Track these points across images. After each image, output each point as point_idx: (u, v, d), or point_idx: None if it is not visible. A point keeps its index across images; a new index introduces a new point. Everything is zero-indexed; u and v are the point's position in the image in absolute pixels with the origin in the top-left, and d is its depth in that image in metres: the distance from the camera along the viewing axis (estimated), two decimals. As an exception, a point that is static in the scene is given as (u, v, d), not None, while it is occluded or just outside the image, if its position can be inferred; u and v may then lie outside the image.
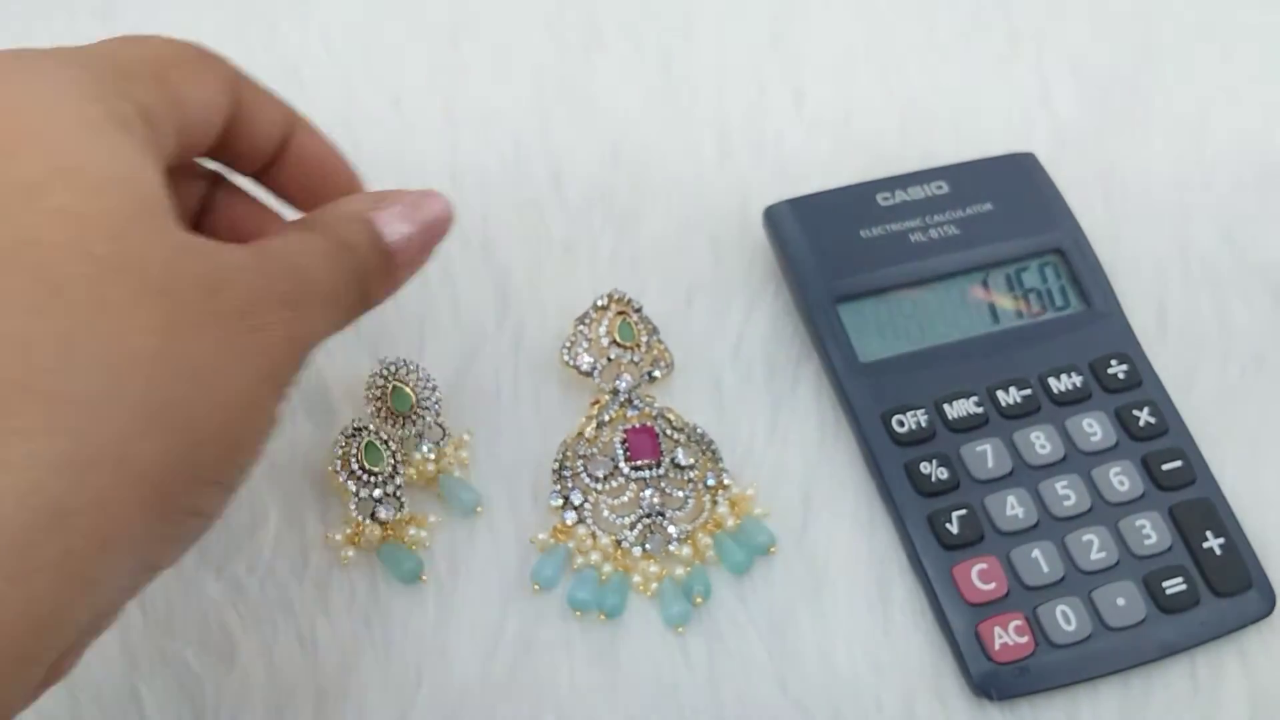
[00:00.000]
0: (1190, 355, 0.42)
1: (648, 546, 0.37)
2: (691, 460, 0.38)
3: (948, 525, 0.37)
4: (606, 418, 0.39)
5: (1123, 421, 0.39)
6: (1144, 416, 0.39)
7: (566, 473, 0.38)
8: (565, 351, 0.39)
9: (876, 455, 0.38)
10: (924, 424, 0.39)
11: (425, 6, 0.51)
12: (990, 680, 0.35)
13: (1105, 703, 0.35)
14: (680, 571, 0.37)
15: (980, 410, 0.39)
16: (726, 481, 0.38)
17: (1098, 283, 0.42)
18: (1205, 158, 0.47)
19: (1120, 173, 0.46)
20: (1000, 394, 0.39)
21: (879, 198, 0.43)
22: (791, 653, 0.36)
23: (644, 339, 0.40)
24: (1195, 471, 0.38)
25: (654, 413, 0.39)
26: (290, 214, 0.34)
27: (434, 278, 0.42)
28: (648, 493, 0.38)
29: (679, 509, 0.38)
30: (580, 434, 0.39)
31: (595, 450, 0.38)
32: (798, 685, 0.35)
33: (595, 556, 0.37)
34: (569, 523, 0.37)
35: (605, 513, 0.38)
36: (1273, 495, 0.39)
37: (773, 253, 0.43)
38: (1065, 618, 0.35)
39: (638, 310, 0.40)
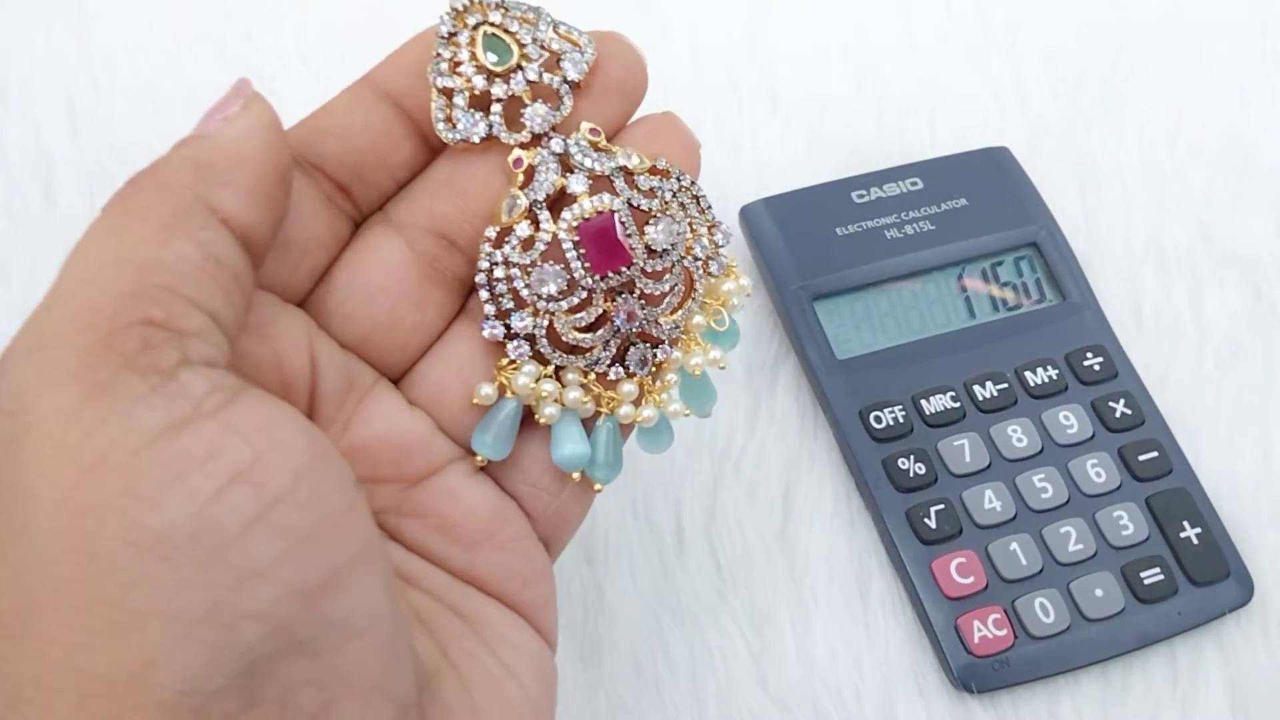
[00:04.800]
0: (1166, 346, 0.42)
1: (630, 367, 0.27)
2: (674, 238, 0.26)
3: (926, 520, 0.37)
4: (540, 195, 0.26)
5: (1099, 413, 0.39)
6: (1120, 408, 0.39)
7: (500, 287, 0.26)
8: (438, 124, 0.26)
9: (855, 451, 0.38)
10: (901, 420, 0.39)
11: (401, 13, 0.50)
12: (970, 673, 0.35)
13: (1085, 694, 0.36)
14: (672, 378, 0.28)
15: (957, 405, 0.39)
16: (721, 241, 0.28)
17: (1073, 276, 0.42)
18: (1178, 149, 0.47)
19: (1094, 165, 0.47)
20: (977, 388, 0.39)
21: (854, 195, 0.43)
22: (771, 649, 0.36)
23: (530, 36, 0.27)
24: (1172, 462, 0.38)
25: (607, 170, 0.26)
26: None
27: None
28: (623, 302, 0.26)
29: (661, 305, 0.27)
30: (507, 230, 0.26)
31: (535, 254, 0.26)
32: (778, 682, 0.35)
33: (573, 394, 0.27)
34: (518, 358, 0.26)
35: (569, 338, 0.26)
36: (1249, 484, 0.39)
37: (749, 251, 0.43)
38: (1044, 610, 0.36)
39: (500, 6, 0.27)
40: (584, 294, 0.26)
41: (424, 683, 0.23)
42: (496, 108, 0.26)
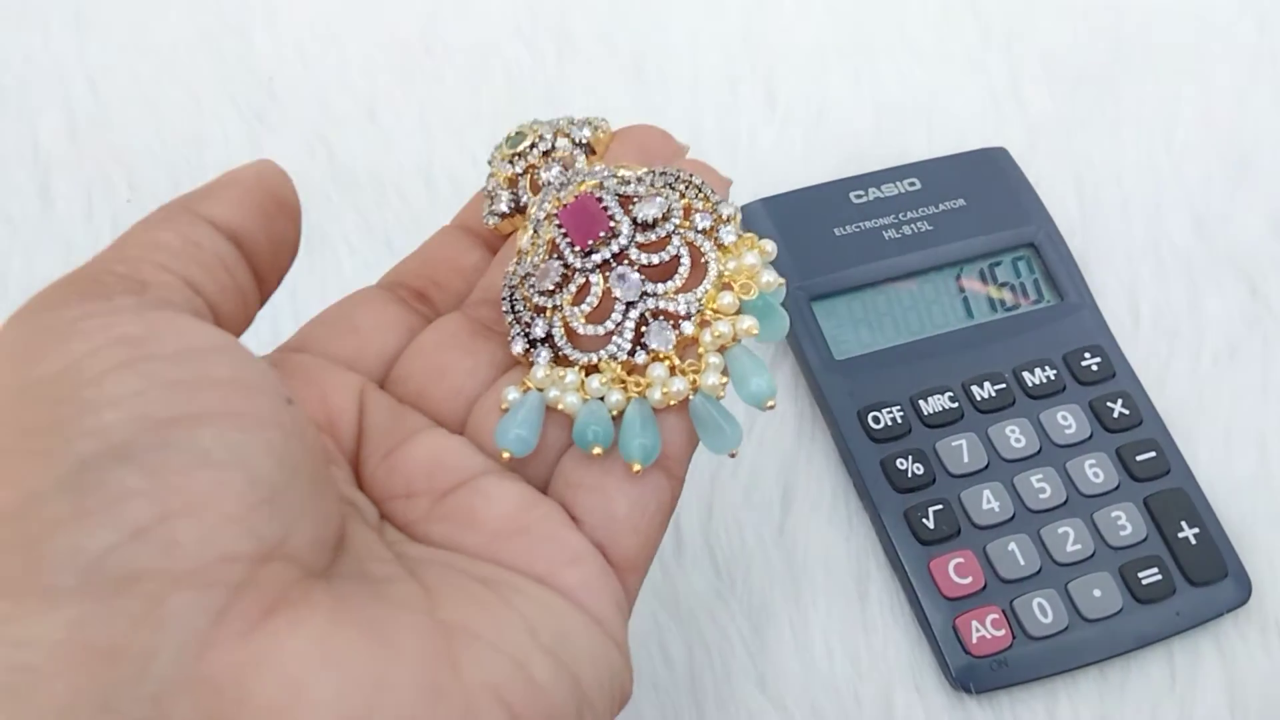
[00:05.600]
0: (1163, 346, 0.42)
1: (651, 345, 0.26)
2: (663, 210, 0.26)
3: (924, 520, 0.37)
4: (541, 214, 0.27)
5: (1097, 414, 0.39)
6: (1118, 408, 0.39)
7: (519, 305, 0.27)
8: (485, 218, 0.30)
9: (853, 452, 0.38)
10: (900, 420, 0.39)
11: (398, 15, 0.51)
12: (968, 674, 0.35)
13: (1083, 694, 0.36)
14: (713, 360, 0.26)
15: (955, 405, 0.39)
16: (726, 213, 0.27)
17: (1070, 276, 0.42)
18: (1177, 148, 0.47)
19: (1092, 166, 0.47)
20: (975, 389, 0.39)
21: (852, 195, 0.43)
22: (770, 649, 0.36)
23: (549, 128, 0.30)
24: (1169, 462, 0.38)
25: (597, 179, 0.27)
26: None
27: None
28: (617, 274, 0.26)
29: (668, 280, 0.27)
30: (519, 254, 0.28)
31: (537, 256, 0.27)
32: (776, 682, 0.36)
33: (595, 383, 0.26)
34: (543, 361, 0.27)
35: (582, 329, 0.26)
36: (1246, 484, 0.39)
37: (747, 252, 0.43)
38: (1042, 610, 0.36)
39: (536, 144, 0.30)
40: (581, 279, 0.26)
41: (363, 577, 0.22)
42: (522, 181, 0.29)
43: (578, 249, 0.26)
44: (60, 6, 0.50)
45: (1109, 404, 0.39)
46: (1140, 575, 0.36)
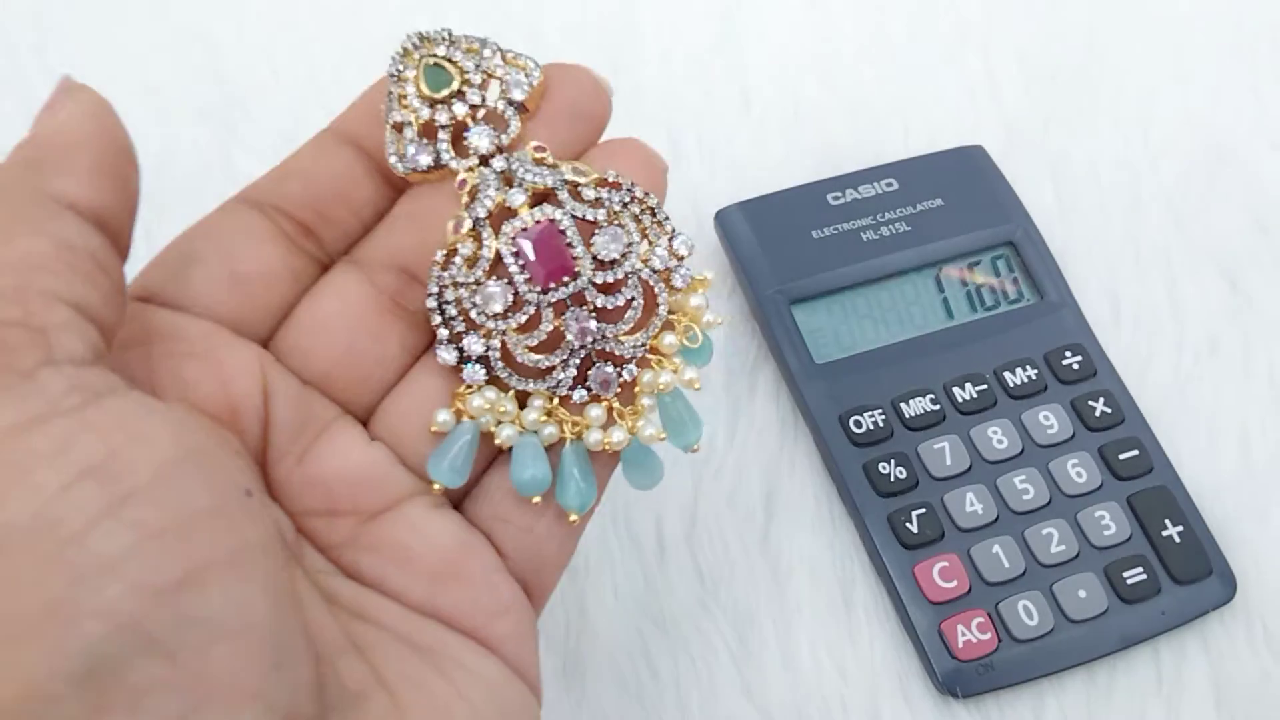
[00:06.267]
0: (1144, 343, 0.42)
1: (592, 388, 0.26)
2: (624, 247, 0.26)
3: (908, 524, 0.37)
4: (481, 212, 0.25)
5: (1079, 413, 0.39)
6: (1100, 407, 0.39)
7: (450, 309, 0.26)
8: (390, 158, 0.26)
9: (835, 456, 0.38)
10: (881, 424, 0.38)
11: (368, 25, 0.50)
12: (955, 678, 0.35)
13: (1070, 695, 0.35)
14: (647, 402, 0.27)
15: (937, 408, 0.39)
16: (681, 250, 0.26)
17: (1050, 274, 0.42)
18: (1152, 143, 0.47)
19: (1069, 162, 0.46)
20: (956, 390, 0.39)
21: (829, 197, 0.43)
22: (755, 657, 0.36)
23: (473, 63, 0.26)
24: (1152, 460, 0.38)
25: (550, 183, 0.26)
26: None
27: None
28: (574, 318, 0.26)
29: (619, 321, 0.26)
30: (452, 250, 0.26)
31: (479, 272, 0.25)
32: (762, 690, 0.35)
33: (532, 415, 0.26)
34: (475, 382, 0.26)
35: (524, 359, 0.26)
36: (1230, 481, 0.39)
37: (725, 256, 0.43)
38: (1027, 612, 0.35)
39: (446, 39, 0.27)
40: (531, 310, 0.25)
41: (344, 703, 0.22)
42: (442, 135, 0.26)
43: (532, 282, 0.25)
44: (23, 19, 0.49)
45: (1090, 403, 0.39)
46: (1125, 575, 0.36)
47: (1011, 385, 0.39)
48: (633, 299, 0.26)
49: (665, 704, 0.35)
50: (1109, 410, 0.39)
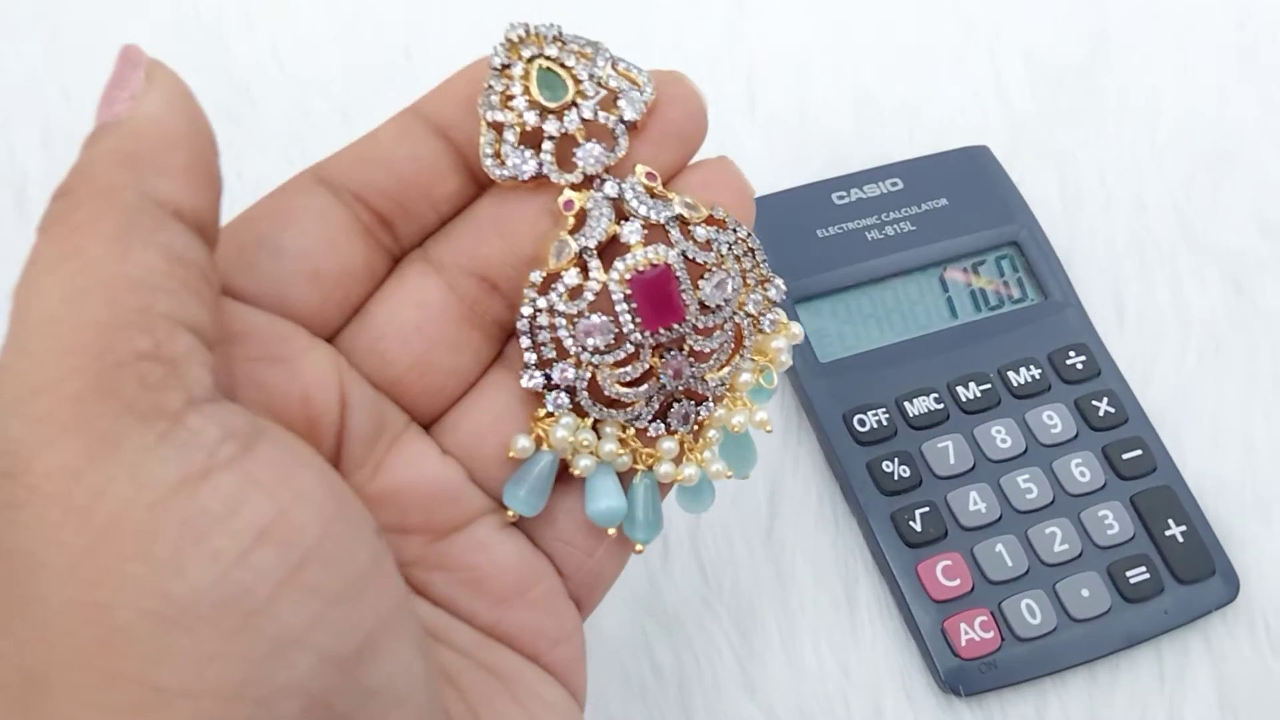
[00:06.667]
0: (1148, 344, 0.42)
1: (671, 424, 0.26)
2: (728, 294, 0.25)
3: (911, 523, 0.37)
4: (591, 243, 0.24)
5: (1082, 412, 0.39)
6: (1103, 407, 0.39)
7: (543, 336, 0.25)
8: (486, 159, 0.24)
9: (839, 455, 0.38)
10: (885, 423, 0.39)
11: (377, 20, 0.50)
12: (958, 676, 0.35)
13: (1073, 694, 0.35)
14: (713, 434, 0.27)
15: (941, 407, 0.39)
16: (775, 297, 0.26)
17: (1054, 274, 0.42)
18: (1159, 144, 0.47)
19: (1074, 163, 0.46)
20: (960, 389, 0.39)
21: (834, 197, 0.43)
22: (758, 655, 0.36)
23: (587, 72, 0.25)
24: (1155, 460, 0.38)
25: (662, 218, 0.24)
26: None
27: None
28: (673, 363, 0.25)
29: (709, 361, 0.26)
30: (554, 277, 0.24)
31: (583, 304, 0.24)
32: (765, 688, 0.35)
33: (609, 446, 0.25)
34: (557, 410, 0.25)
35: (612, 393, 0.25)
36: (1233, 481, 0.39)
37: (730, 255, 0.43)
38: (1030, 611, 0.35)
39: (558, 39, 0.25)
40: (631, 349, 0.24)
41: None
42: (548, 145, 0.24)
43: (643, 327, 0.24)
44: (34, 16, 0.49)
45: (1094, 402, 0.39)
46: (1128, 574, 0.36)
47: (1015, 385, 0.39)
48: (725, 342, 0.26)
49: (668, 701, 0.35)
50: (1112, 410, 0.39)
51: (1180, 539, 0.37)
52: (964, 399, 0.39)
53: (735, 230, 0.25)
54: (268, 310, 0.23)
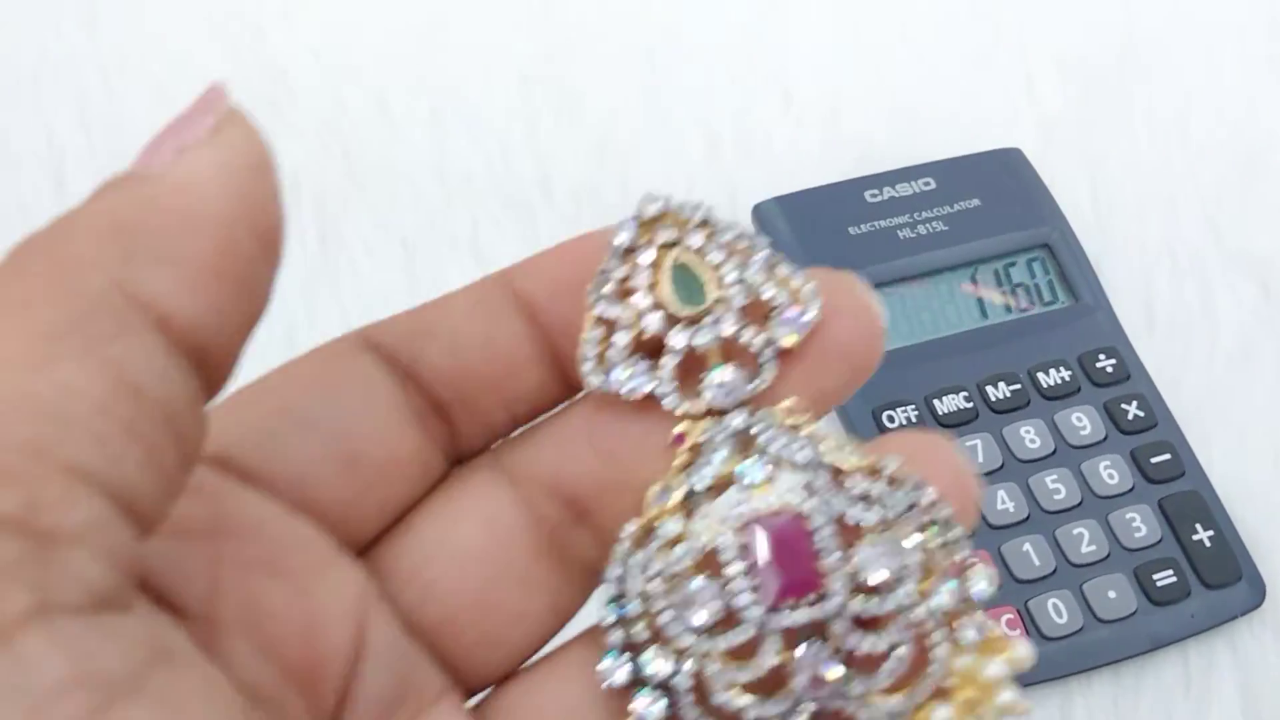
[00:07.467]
0: (1178, 348, 0.42)
1: None
2: (897, 569, 0.18)
3: (939, 521, 0.37)
4: (701, 484, 0.18)
5: (1111, 415, 0.39)
6: (1132, 410, 0.39)
7: (634, 605, 0.18)
8: (586, 361, 0.19)
9: (867, 452, 0.38)
10: (914, 420, 0.39)
11: (411, 9, 0.51)
12: (983, 674, 0.35)
13: (1097, 695, 0.36)
14: None
15: (970, 405, 0.39)
16: (981, 595, 0.18)
17: (1085, 277, 0.42)
18: (1190, 149, 0.47)
19: (1106, 166, 0.46)
20: (990, 389, 0.39)
21: (867, 194, 0.43)
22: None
23: (737, 273, 0.19)
24: (1184, 464, 0.38)
25: (802, 460, 0.18)
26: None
27: (423, 281, 0.42)
28: (806, 656, 0.18)
29: (871, 675, 0.18)
30: (649, 526, 0.19)
31: (684, 558, 0.18)
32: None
33: None
34: (651, 715, 0.18)
35: (722, 692, 0.18)
36: (1261, 487, 0.39)
37: (761, 251, 0.43)
38: (1057, 611, 0.36)
39: (705, 224, 0.19)
40: (751, 631, 0.18)
41: None
42: (669, 361, 0.19)
43: (762, 598, 0.18)
44: (74, 2, 0.49)
45: (1124, 406, 0.39)
46: (1155, 577, 0.36)
47: (1045, 386, 0.39)
48: (897, 645, 0.18)
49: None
50: (1142, 414, 0.39)
51: (1207, 543, 0.37)
52: (993, 399, 0.39)
53: (919, 491, 0.18)
54: (283, 500, 0.18)
